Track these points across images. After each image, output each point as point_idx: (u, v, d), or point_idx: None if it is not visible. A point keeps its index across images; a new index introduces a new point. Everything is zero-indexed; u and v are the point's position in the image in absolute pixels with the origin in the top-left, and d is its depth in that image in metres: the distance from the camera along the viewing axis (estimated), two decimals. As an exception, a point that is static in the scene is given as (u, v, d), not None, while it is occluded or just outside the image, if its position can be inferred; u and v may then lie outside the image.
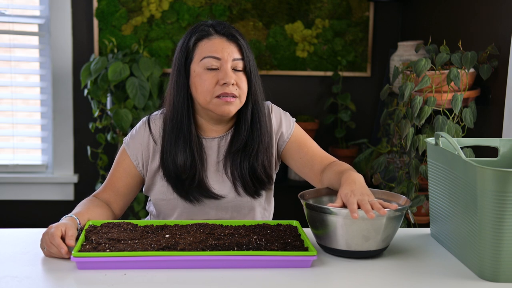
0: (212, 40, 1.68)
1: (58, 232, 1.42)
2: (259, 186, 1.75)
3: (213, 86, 1.66)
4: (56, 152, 3.40)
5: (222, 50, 1.67)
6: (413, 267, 1.42)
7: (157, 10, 3.32)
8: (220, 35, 1.69)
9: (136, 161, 1.74)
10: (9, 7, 3.34)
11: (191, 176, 1.70)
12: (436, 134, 1.54)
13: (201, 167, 1.71)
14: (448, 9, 2.79)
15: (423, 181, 2.52)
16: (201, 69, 1.67)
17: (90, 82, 3.11)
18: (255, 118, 1.73)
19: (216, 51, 1.66)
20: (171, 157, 1.70)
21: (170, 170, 1.70)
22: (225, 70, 1.66)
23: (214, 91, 1.65)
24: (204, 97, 1.66)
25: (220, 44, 1.67)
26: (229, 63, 1.66)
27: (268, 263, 1.37)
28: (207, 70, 1.67)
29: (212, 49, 1.67)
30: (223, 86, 1.65)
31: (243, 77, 1.69)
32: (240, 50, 1.68)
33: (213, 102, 1.66)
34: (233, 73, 1.67)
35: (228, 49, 1.67)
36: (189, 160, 1.69)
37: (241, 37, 1.70)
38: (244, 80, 1.69)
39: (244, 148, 1.72)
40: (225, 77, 1.65)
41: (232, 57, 1.67)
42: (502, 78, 2.25)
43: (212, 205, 1.73)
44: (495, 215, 1.29)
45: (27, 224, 3.41)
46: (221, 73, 1.66)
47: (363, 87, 3.50)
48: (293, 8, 3.39)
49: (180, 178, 1.70)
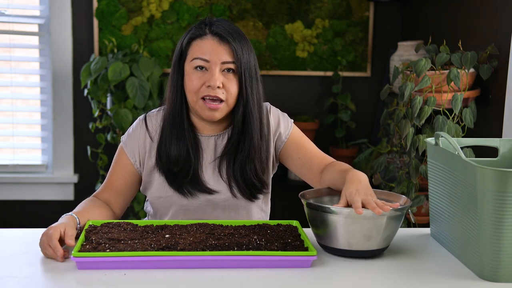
0: (204, 40, 1.67)
1: (57, 234, 1.42)
2: (254, 190, 1.74)
3: (199, 87, 1.65)
4: (56, 152, 3.40)
5: (211, 52, 1.65)
6: (413, 267, 1.42)
7: (157, 10, 3.32)
8: (213, 35, 1.66)
9: (133, 158, 1.75)
10: (9, 7, 3.34)
11: (185, 169, 1.70)
12: (436, 134, 1.54)
13: (196, 162, 1.71)
14: (448, 9, 2.79)
15: (423, 181, 2.52)
16: (191, 69, 1.67)
17: (90, 82, 3.11)
18: (247, 121, 1.70)
19: (206, 52, 1.65)
20: (165, 150, 1.71)
21: (163, 163, 1.71)
22: (212, 72, 1.64)
23: (200, 92, 1.65)
24: (191, 97, 1.67)
25: (211, 45, 1.65)
26: (218, 66, 1.64)
27: (268, 263, 1.37)
28: (196, 70, 1.66)
29: (202, 50, 1.65)
30: (208, 88, 1.64)
31: (234, 79, 1.66)
32: (231, 53, 1.65)
33: (199, 104, 1.66)
34: (221, 76, 1.65)
35: (217, 51, 1.65)
36: (184, 154, 1.70)
37: (236, 39, 1.66)
38: (234, 83, 1.66)
39: (235, 151, 1.72)
40: (211, 80, 1.63)
41: (221, 60, 1.64)
42: (502, 78, 2.25)
43: (208, 203, 1.73)
44: (495, 215, 1.29)
45: (27, 224, 3.40)
46: (208, 75, 1.65)
47: (363, 87, 3.50)
48: (293, 8, 3.39)
49: (173, 171, 1.71)
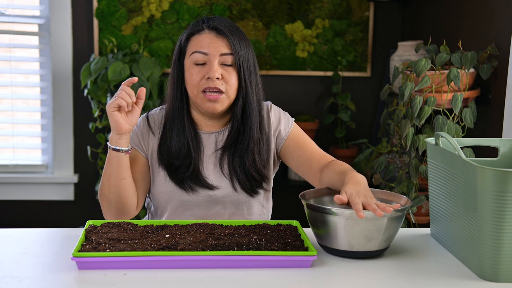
0: (202, 35, 1.71)
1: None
2: (254, 184, 1.76)
3: (199, 81, 1.69)
4: (56, 152, 3.40)
5: (209, 45, 1.69)
6: (413, 267, 1.42)
7: (157, 10, 3.32)
8: (210, 29, 1.71)
9: (140, 149, 1.78)
10: (9, 7, 3.34)
11: (186, 164, 1.73)
12: (436, 134, 1.54)
13: (197, 157, 1.74)
14: (448, 9, 2.79)
15: (423, 181, 2.52)
16: (190, 64, 1.71)
17: (90, 82, 3.11)
18: (246, 113, 1.74)
19: (204, 46, 1.69)
20: (166, 144, 1.74)
21: (164, 157, 1.74)
22: (211, 64, 1.68)
23: (200, 85, 1.68)
24: (192, 91, 1.70)
25: (208, 39, 1.70)
26: (216, 58, 1.68)
27: (268, 263, 1.37)
28: (195, 65, 1.70)
29: (200, 44, 1.70)
30: (208, 81, 1.67)
31: (233, 72, 1.70)
32: (229, 46, 1.69)
33: (199, 97, 1.70)
34: (220, 68, 1.68)
35: (215, 44, 1.69)
36: (185, 149, 1.73)
37: (233, 33, 1.70)
38: (233, 75, 1.70)
39: (235, 144, 1.75)
40: (210, 72, 1.67)
41: (219, 52, 1.68)
42: (502, 78, 2.25)
43: (209, 199, 1.75)
44: (495, 215, 1.29)
45: (27, 224, 3.40)
46: (207, 68, 1.68)
47: (363, 87, 3.50)
48: (293, 8, 3.39)
49: (174, 165, 1.73)
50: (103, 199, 1.70)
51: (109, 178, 1.67)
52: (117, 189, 1.67)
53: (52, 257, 1.42)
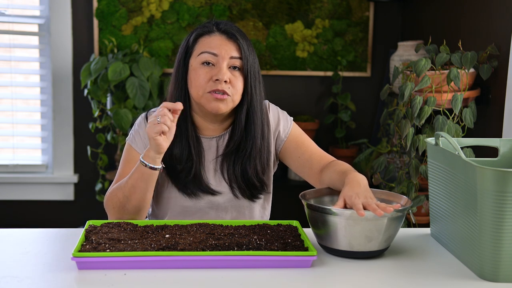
0: (212, 36, 1.69)
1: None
2: (254, 191, 1.75)
3: (206, 82, 1.66)
4: (56, 152, 3.40)
5: (220, 46, 1.67)
6: (413, 267, 1.42)
7: (157, 10, 3.32)
8: (221, 32, 1.69)
9: (142, 151, 1.73)
10: (9, 7, 3.34)
11: (187, 168, 1.71)
12: (436, 134, 1.54)
13: (198, 162, 1.72)
14: (448, 9, 2.79)
15: (423, 181, 2.52)
16: (198, 64, 1.68)
17: (90, 82, 3.11)
18: (249, 120, 1.72)
19: (214, 47, 1.67)
20: (168, 148, 1.68)
21: (166, 161, 1.70)
22: (220, 66, 1.66)
23: (206, 86, 1.66)
24: (197, 91, 1.67)
25: (219, 41, 1.68)
26: (226, 60, 1.66)
27: (268, 263, 1.36)
28: (203, 65, 1.67)
29: (210, 45, 1.68)
30: (216, 83, 1.65)
31: (240, 76, 1.68)
32: (239, 50, 1.68)
33: (204, 97, 1.66)
34: (228, 71, 1.66)
35: (226, 47, 1.67)
36: (186, 153, 1.71)
37: (243, 38, 1.70)
38: (240, 80, 1.68)
39: (237, 151, 1.73)
40: (219, 74, 1.65)
41: (229, 55, 1.67)
42: (502, 78, 2.25)
43: (211, 205, 1.74)
44: (495, 215, 1.29)
45: (27, 224, 3.41)
46: (215, 69, 1.66)
47: (363, 87, 3.50)
48: (293, 8, 3.39)
49: (176, 169, 1.71)
50: (118, 208, 1.65)
51: (134, 192, 1.62)
52: (139, 202, 1.64)
53: (52, 257, 1.42)
